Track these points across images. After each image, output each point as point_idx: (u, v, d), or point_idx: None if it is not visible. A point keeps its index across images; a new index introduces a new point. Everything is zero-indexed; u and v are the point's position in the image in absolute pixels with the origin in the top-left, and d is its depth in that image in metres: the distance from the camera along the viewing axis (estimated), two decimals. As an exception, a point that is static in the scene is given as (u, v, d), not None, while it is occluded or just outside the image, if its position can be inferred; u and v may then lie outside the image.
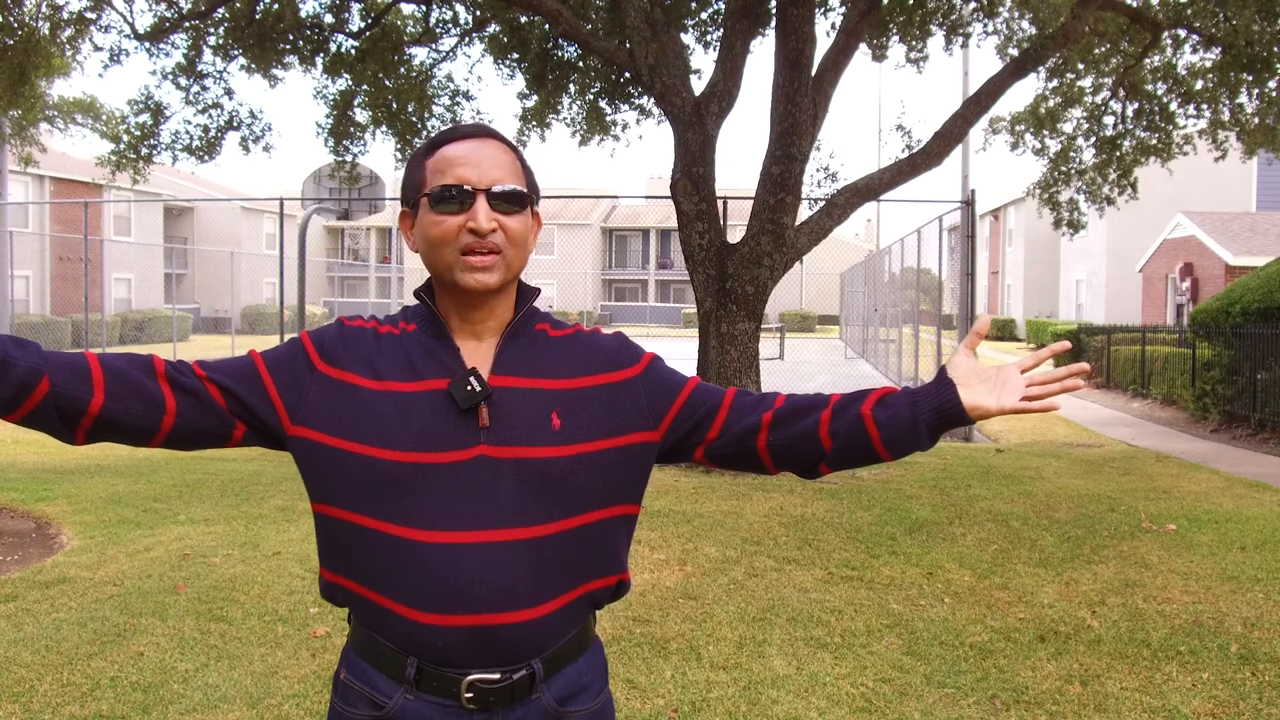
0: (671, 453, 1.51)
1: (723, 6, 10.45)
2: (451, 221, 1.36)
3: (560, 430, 1.38)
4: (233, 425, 1.38)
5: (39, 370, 1.26)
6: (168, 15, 10.60)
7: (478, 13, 11.39)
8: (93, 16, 10.22)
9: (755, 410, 1.49)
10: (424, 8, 11.65)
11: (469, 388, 1.36)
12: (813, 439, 1.47)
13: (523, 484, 1.35)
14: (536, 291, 1.49)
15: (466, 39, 11.79)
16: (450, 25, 11.74)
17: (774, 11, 9.13)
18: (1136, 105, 12.34)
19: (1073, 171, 12.97)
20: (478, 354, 1.41)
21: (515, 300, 1.46)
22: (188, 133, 11.08)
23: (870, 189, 9.26)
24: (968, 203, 12.31)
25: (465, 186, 1.36)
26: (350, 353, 1.40)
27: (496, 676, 1.34)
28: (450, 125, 1.64)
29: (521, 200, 1.40)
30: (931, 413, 1.43)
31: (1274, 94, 11.18)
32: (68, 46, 10.37)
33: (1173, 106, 12.21)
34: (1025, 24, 11.47)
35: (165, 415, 1.33)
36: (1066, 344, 1.56)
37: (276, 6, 10.51)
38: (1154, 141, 12.37)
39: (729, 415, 1.49)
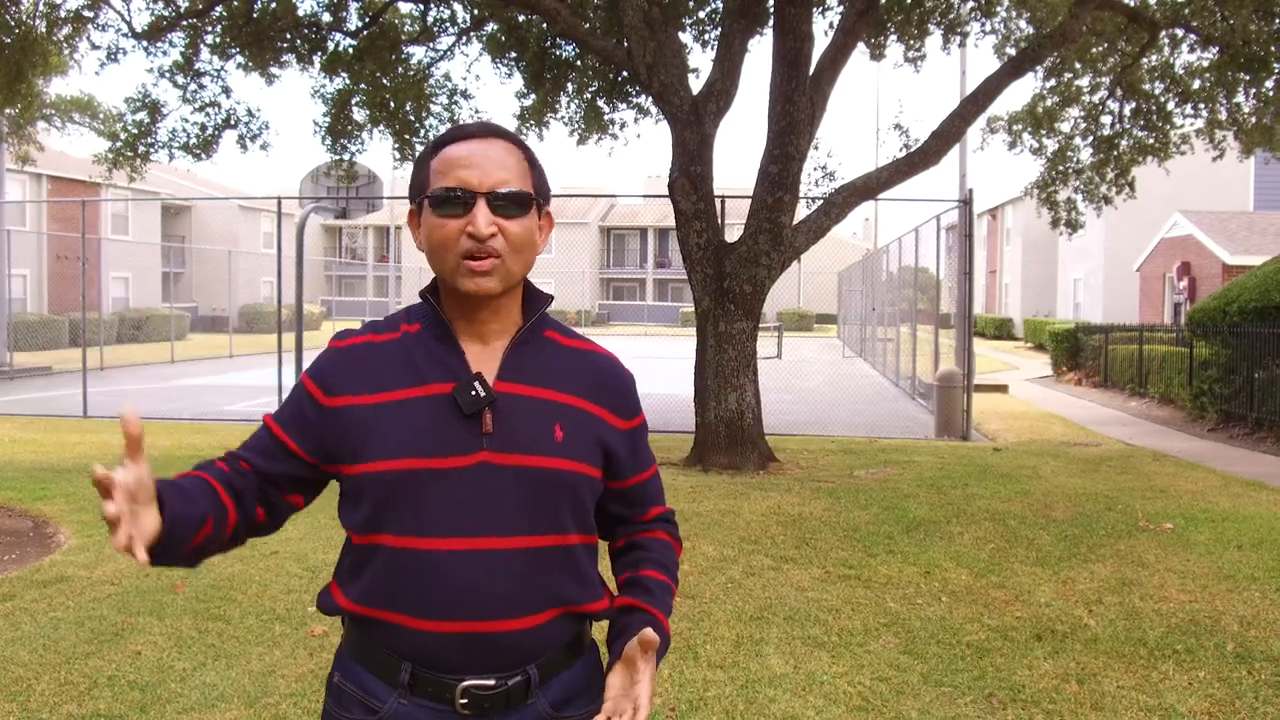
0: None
1: (721, 5, 10.45)
2: (452, 225, 1.34)
3: (563, 444, 1.38)
4: (292, 507, 1.46)
5: (204, 518, 1.32)
6: (165, 14, 10.58)
7: (475, 11, 11.37)
8: (90, 15, 10.20)
9: (623, 535, 1.57)
10: (422, 6, 11.65)
11: (473, 393, 1.35)
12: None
13: (523, 492, 1.34)
14: (549, 299, 1.46)
15: (464, 38, 11.79)
16: (448, 24, 11.73)
17: (772, 10, 9.13)
18: (1134, 105, 12.35)
19: (1070, 171, 12.98)
20: (483, 358, 1.40)
21: (524, 304, 1.45)
22: (185, 131, 11.06)
23: (868, 188, 9.27)
24: (965, 202, 12.31)
25: (466, 189, 1.34)
26: (349, 375, 1.39)
27: (491, 683, 1.33)
28: (457, 124, 1.63)
29: (525, 202, 1.37)
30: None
31: (1271, 93, 11.19)
32: (65, 45, 10.35)
33: (1170, 106, 12.21)
34: (1023, 23, 11.48)
35: (241, 533, 1.42)
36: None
37: (274, 5, 10.50)
38: (1151, 141, 12.38)
39: (614, 522, 1.55)
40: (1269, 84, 11.10)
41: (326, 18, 11.31)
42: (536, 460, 1.35)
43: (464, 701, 1.33)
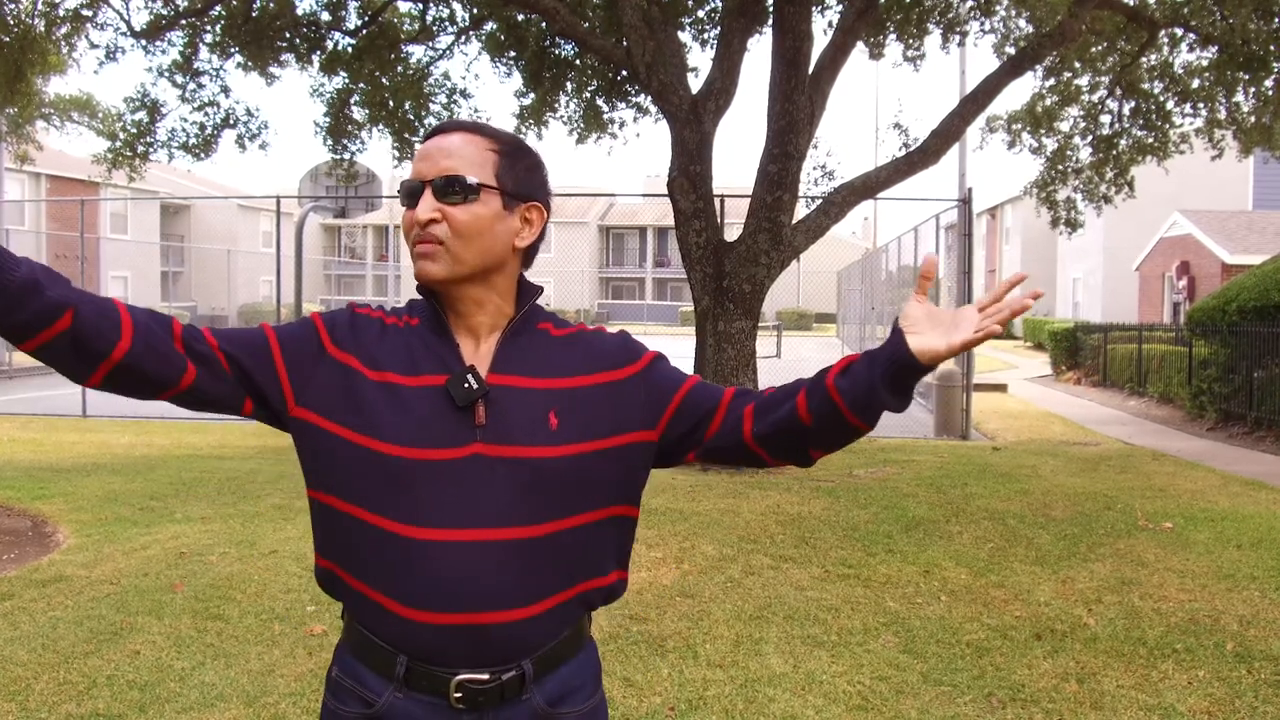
0: (669, 453, 1.49)
1: (720, 4, 10.44)
2: (409, 216, 1.39)
3: (558, 430, 1.37)
4: (242, 399, 1.39)
5: (65, 304, 1.24)
6: (164, 13, 10.57)
7: (475, 10, 11.37)
8: (89, 14, 10.19)
9: (745, 404, 1.47)
10: (421, 5, 11.64)
11: (466, 385, 1.35)
12: (795, 421, 1.43)
13: (517, 483, 1.34)
14: (539, 290, 1.48)
15: (463, 37, 11.78)
16: (447, 23, 11.72)
17: (771, 10, 9.12)
18: (1133, 104, 12.35)
19: (1070, 170, 12.98)
20: (478, 352, 1.41)
21: (517, 298, 1.46)
22: (184, 130, 11.05)
23: (867, 187, 9.26)
24: (965, 201, 12.30)
25: (417, 180, 1.39)
26: (358, 339, 1.40)
27: (485, 677, 1.33)
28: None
29: (466, 188, 1.37)
30: (884, 365, 1.36)
31: (1270, 93, 11.19)
32: (64, 44, 10.34)
33: (1169, 105, 12.22)
34: (1022, 23, 11.47)
35: (184, 375, 1.33)
36: (1023, 274, 1.53)
37: (273, 4, 10.49)
38: (1151, 140, 12.38)
39: (725, 415, 1.46)
40: (1268, 83, 11.10)
41: (325, 17, 11.30)
42: (530, 451, 1.35)
43: (459, 695, 1.33)
